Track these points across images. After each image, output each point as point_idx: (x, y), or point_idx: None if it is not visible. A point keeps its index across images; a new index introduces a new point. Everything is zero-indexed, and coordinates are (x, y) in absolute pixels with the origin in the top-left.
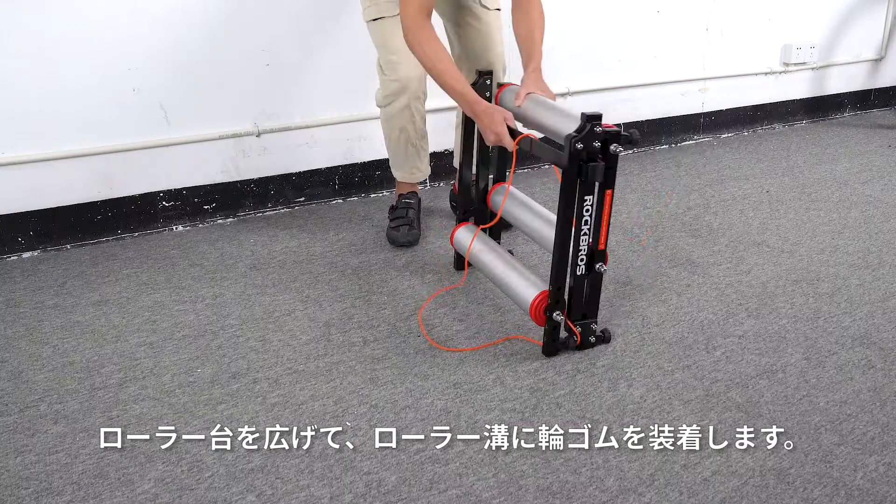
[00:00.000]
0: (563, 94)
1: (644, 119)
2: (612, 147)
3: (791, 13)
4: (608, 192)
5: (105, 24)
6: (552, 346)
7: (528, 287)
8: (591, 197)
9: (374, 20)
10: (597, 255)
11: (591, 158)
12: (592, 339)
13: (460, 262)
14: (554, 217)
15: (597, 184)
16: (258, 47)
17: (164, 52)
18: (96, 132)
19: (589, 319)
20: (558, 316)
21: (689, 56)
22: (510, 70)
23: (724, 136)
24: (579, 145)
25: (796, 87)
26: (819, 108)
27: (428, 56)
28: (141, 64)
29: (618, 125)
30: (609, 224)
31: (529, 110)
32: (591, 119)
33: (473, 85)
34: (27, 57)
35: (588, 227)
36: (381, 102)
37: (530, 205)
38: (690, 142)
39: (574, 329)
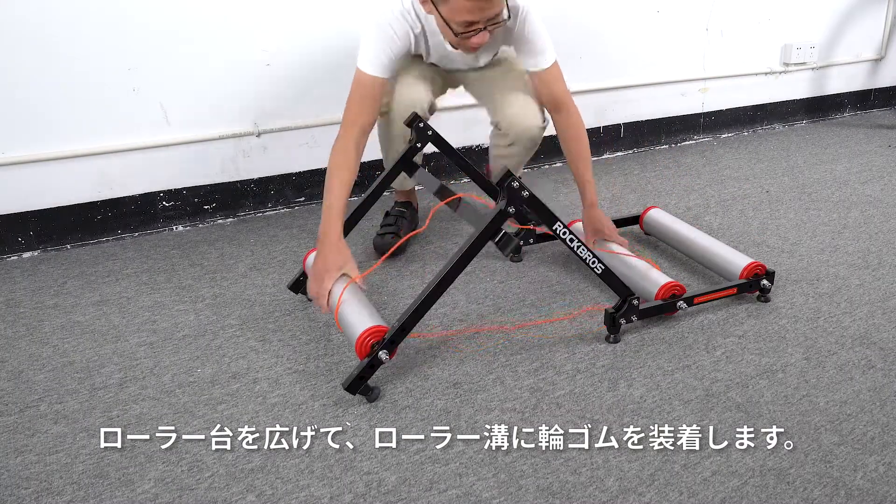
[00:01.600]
0: None
1: (644, 119)
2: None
3: (791, 13)
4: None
5: (105, 24)
6: (358, 383)
7: (365, 317)
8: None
9: None
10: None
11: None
12: (634, 318)
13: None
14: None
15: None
16: (258, 47)
17: (164, 52)
18: (96, 132)
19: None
20: (384, 355)
21: (689, 56)
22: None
23: (724, 136)
24: (511, 209)
25: (796, 87)
26: (819, 108)
27: (332, 164)
28: (141, 64)
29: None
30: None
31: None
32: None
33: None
34: (27, 57)
35: (573, 239)
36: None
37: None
38: (690, 142)
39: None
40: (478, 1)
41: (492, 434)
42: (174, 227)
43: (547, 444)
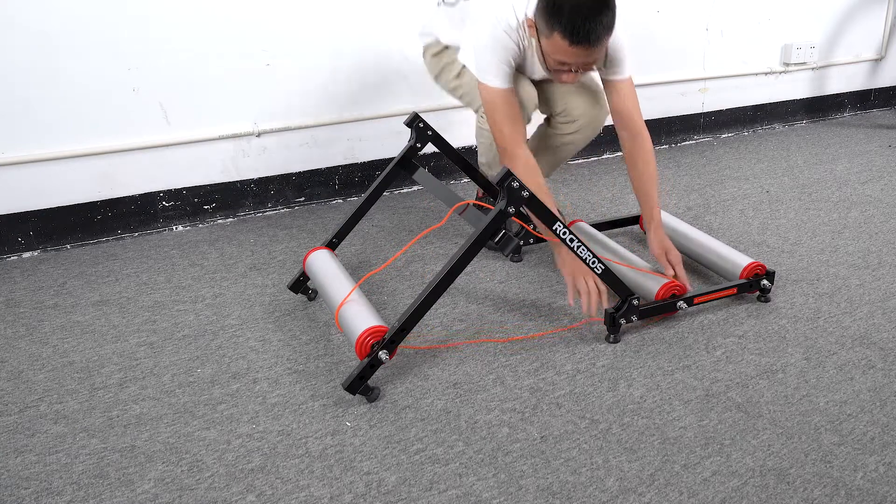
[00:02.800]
0: None
1: (644, 119)
2: None
3: (791, 13)
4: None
5: (105, 24)
6: (358, 383)
7: (365, 317)
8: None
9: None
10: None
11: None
12: (634, 318)
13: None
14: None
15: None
16: (258, 47)
17: (164, 52)
18: (96, 132)
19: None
20: (384, 355)
21: (689, 56)
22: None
23: (724, 136)
24: (511, 209)
25: (796, 87)
26: (819, 108)
27: (537, 184)
28: (141, 64)
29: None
30: None
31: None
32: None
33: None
34: (27, 57)
35: (573, 240)
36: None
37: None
38: (690, 142)
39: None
40: (578, 48)
41: (492, 434)
42: (174, 227)
43: (547, 443)
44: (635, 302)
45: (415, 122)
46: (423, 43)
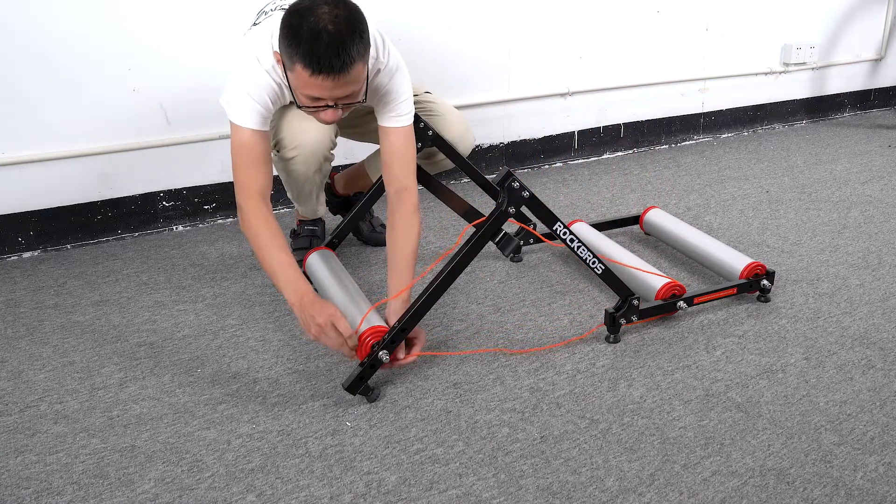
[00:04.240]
0: (562, 94)
1: (644, 119)
2: None
3: (791, 13)
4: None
5: (105, 24)
6: (358, 383)
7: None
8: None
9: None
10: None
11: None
12: (634, 318)
13: None
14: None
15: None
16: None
17: (164, 52)
18: (96, 132)
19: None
20: (384, 355)
21: (689, 56)
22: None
23: (724, 136)
24: (511, 210)
25: (796, 87)
26: (819, 108)
27: (260, 239)
28: (141, 64)
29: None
30: None
31: None
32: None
33: None
34: (27, 57)
35: (573, 240)
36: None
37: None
38: (690, 142)
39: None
40: (323, 79)
41: (492, 434)
42: (174, 227)
43: (547, 443)
44: (635, 302)
45: (415, 123)
46: None
